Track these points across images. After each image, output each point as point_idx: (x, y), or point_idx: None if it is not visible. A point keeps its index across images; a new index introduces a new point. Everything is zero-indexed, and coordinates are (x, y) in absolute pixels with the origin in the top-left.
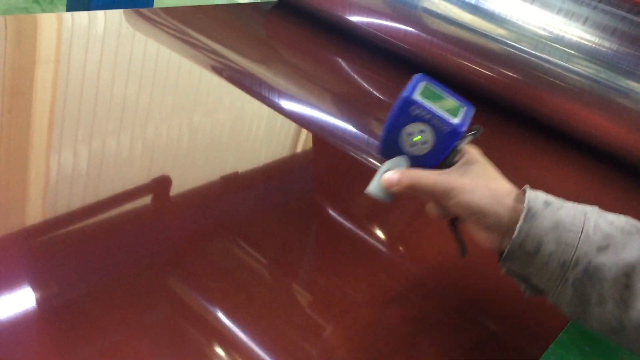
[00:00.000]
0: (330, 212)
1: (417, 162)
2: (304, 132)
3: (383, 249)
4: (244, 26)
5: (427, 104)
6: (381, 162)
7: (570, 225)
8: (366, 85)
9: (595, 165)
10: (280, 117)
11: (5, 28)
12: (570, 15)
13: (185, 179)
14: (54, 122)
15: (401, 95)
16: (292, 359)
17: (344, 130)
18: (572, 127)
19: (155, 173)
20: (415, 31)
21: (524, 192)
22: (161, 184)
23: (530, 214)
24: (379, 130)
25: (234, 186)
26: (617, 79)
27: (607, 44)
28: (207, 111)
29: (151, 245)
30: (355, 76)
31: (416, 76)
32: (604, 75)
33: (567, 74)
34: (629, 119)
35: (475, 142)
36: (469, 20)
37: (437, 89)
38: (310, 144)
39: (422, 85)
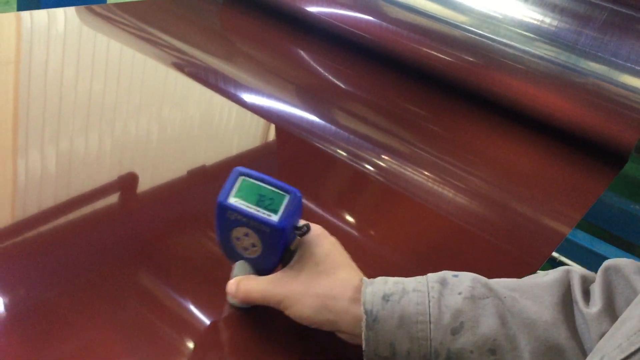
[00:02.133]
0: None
1: (257, 264)
2: (270, 124)
3: (353, 233)
4: (199, 20)
5: (243, 206)
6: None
7: (416, 316)
8: (328, 75)
9: (555, 144)
10: (244, 110)
11: None
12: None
13: (153, 175)
14: (18, 124)
15: (217, 199)
16: (262, 349)
17: (308, 121)
18: (532, 107)
19: (125, 169)
20: (376, 20)
21: (359, 290)
22: (128, 181)
23: (372, 318)
24: (343, 119)
25: (201, 179)
26: (574, 60)
27: (565, 25)
28: (173, 107)
29: (120, 242)
30: (317, 66)
31: (233, 171)
32: (562, 56)
33: (525, 56)
34: (586, 98)
35: (442, 127)
36: (429, 8)
37: (256, 183)
38: (275, 136)
39: (239, 182)
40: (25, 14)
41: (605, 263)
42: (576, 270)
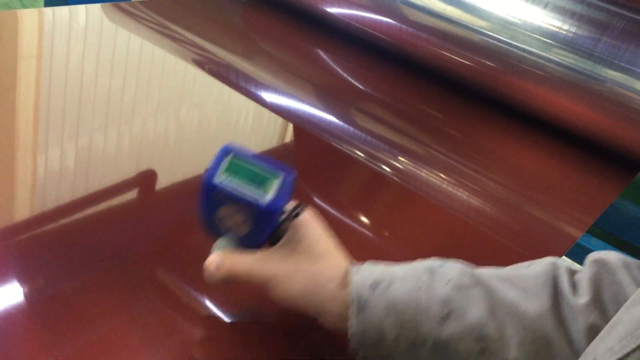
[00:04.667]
0: (314, 199)
1: (243, 241)
2: (287, 123)
3: (368, 233)
4: (222, 18)
5: (232, 184)
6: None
7: (405, 303)
8: (347, 76)
9: (570, 150)
10: (263, 109)
11: None
12: (548, 5)
13: (172, 172)
14: (39, 119)
15: (202, 177)
16: (278, 346)
17: (326, 121)
18: (548, 113)
19: (142, 167)
20: (395, 22)
21: (348, 275)
22: (147, 178)
23: (361, 304)
24: (360, 120)
25: None
26: (592, 66)
27: (583, 32)
28: (193, 105)
29: (138, 237)
30: (336, 67)
31: (221, 149)
32: (580, 63)
33: (544, 62)
34: (603, 105)
35: (459, 130)
36: (449, 12)
37: (246, 160)
38: (292, 135)
39: (227, 160)
40: (48, 10)
41: (591, 255)
42: (562, 261)
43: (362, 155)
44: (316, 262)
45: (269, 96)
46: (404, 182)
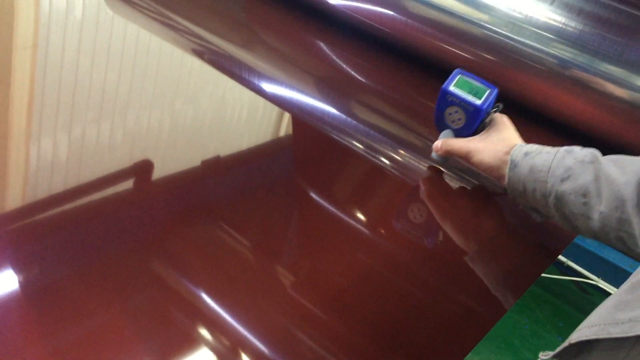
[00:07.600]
0: (312, 194)
1: (458, 133)
2: (286, 115)
3: (363, 229)
4: (224, 9)
5: (458, 91)
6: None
7: (541, 167)
8: (348, 69)
9: (568, 144)
10: (262, 100)
11: None
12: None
13: (167, 164)
14: (33, 110)
15: (442, 86)
16: (274, 339)
17: (326, 112)
18: (549, 108)
19: (136, 159)
20: (397, 15)
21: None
22: (142, 169)
23: (513, 165)
24: (360, 112)
25: (215, 170)
26: (593, 62)
27: (575, 24)
28: (189, 96)
29: (133, 228)
30: (337, 60)
31: (455, 70)
32: (582, 59)
33: (543, 56)
34: (605, 102)
35: None
36: (450, 5)
37: (469, 79)
38: (291, 127)
39: (457, 78)
40: None
41: None
42: None
43: (361, 147)
44: (499, 142)
45: (268, 87)
46: (403, 175)
